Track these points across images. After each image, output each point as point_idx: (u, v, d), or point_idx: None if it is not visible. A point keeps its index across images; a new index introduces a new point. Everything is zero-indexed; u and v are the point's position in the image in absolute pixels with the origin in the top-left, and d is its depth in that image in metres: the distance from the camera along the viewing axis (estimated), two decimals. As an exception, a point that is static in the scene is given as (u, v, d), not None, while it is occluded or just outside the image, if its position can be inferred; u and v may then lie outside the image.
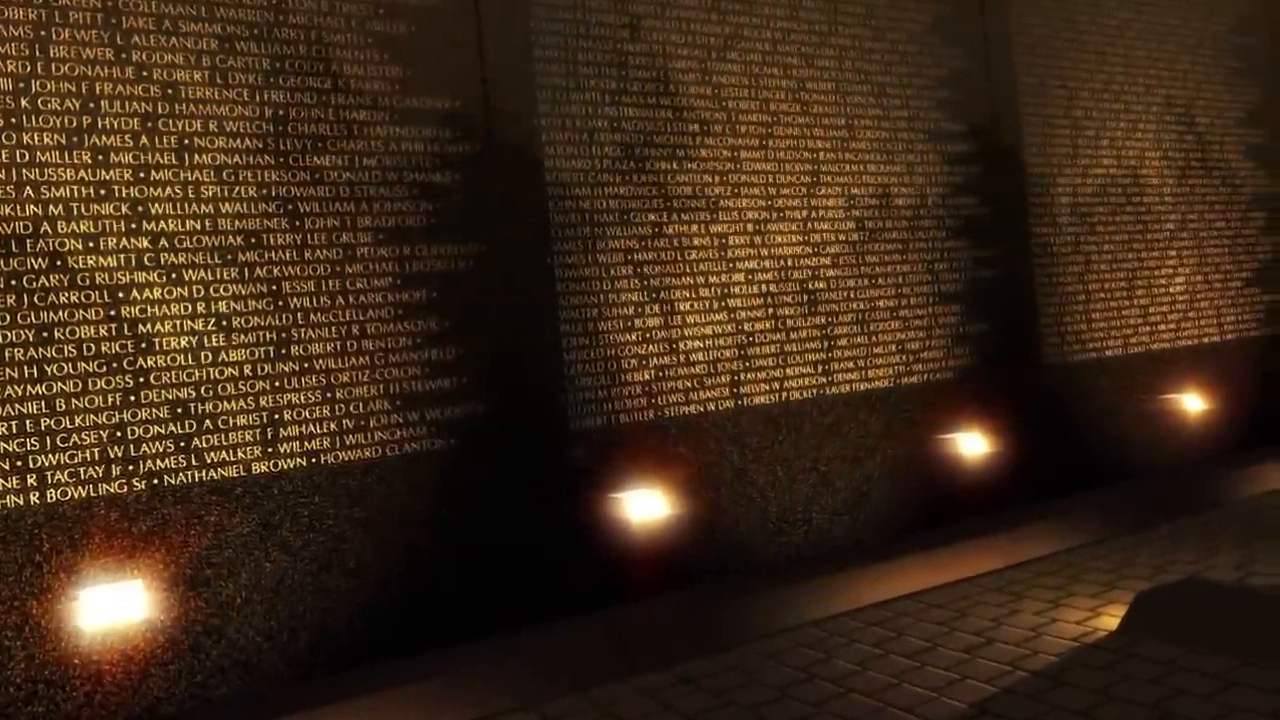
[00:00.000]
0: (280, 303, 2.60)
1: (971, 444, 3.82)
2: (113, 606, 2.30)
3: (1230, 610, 2.28)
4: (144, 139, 2.47)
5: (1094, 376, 4.28)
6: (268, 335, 2.58)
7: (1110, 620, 2.45)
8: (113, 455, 2.38)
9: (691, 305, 3.27)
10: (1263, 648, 2.16)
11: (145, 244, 2.45)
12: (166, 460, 2.44)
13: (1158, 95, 4.62)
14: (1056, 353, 4.17)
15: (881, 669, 2.36)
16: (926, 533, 3.60)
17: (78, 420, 2.35)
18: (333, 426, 2.65)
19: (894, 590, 2.88)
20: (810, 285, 3.52)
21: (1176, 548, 3.18)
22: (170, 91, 2.50)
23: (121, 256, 2.42)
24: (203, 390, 2.50)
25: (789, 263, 3.48)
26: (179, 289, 2.48)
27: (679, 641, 2.67)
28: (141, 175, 2.46)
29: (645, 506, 3.08)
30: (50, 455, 2.31)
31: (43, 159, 2.35)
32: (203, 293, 2.51)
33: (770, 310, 3.43)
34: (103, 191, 2.41)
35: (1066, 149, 4.28)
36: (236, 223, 2.56)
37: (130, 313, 2.42)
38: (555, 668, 2.59)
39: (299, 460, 2.60)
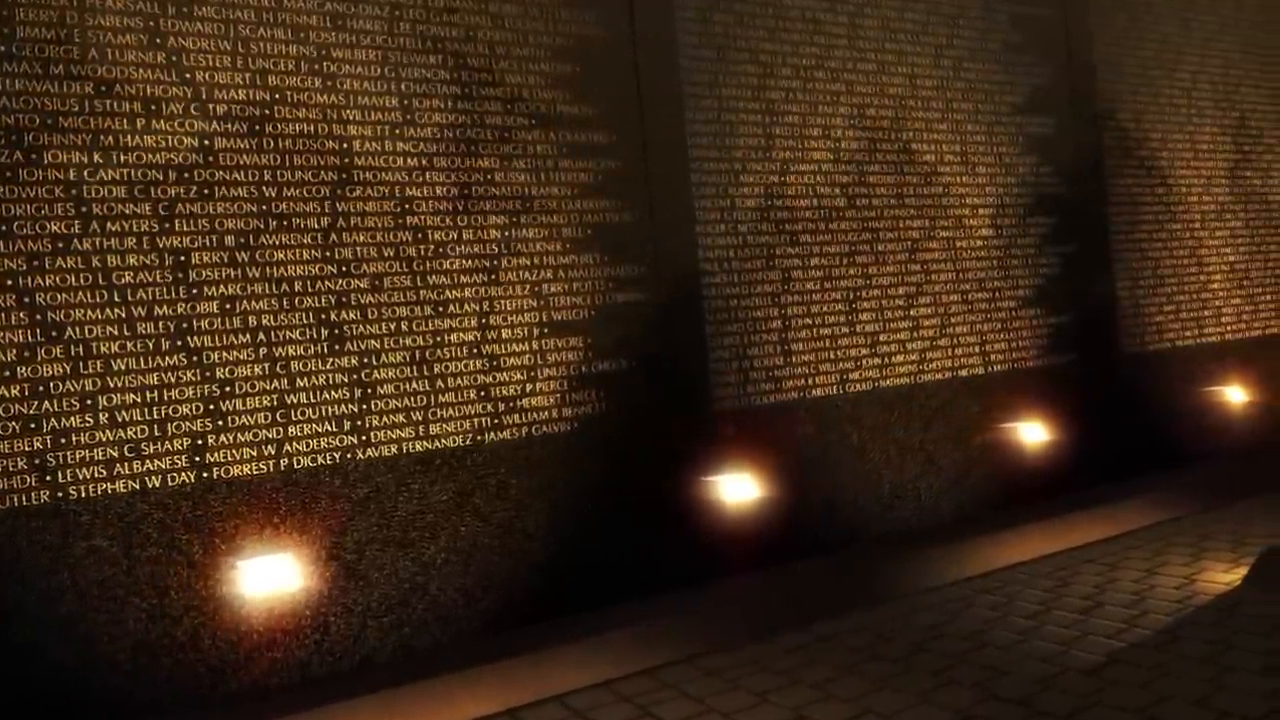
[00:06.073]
0: None
1: (585, 515, 2.98)
2: None
3: None
4: None
5: (793, 422, 3.42)
6: None
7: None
8: None
9: (121, 346, 2.42)
10: None
11: None
12: None
13: (897, 73, 3.77)
14: (735, 395, 3.31)
15: None
16: (489, 641, 2.76)
17: None
18: None
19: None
20: (333, 316, 2.67)
21: (747, 679, 2.30)
22: None
23: None
24: None
25: (297, 286, 2.63)
26: None
27: None
28: None
29: (24, 633, 2.23)
30: None
31: None
32: None
33: (263, 350, 2.58)
34: None
35: (758, 139, 3.43)
36: None
37: None
38: None
39: None
